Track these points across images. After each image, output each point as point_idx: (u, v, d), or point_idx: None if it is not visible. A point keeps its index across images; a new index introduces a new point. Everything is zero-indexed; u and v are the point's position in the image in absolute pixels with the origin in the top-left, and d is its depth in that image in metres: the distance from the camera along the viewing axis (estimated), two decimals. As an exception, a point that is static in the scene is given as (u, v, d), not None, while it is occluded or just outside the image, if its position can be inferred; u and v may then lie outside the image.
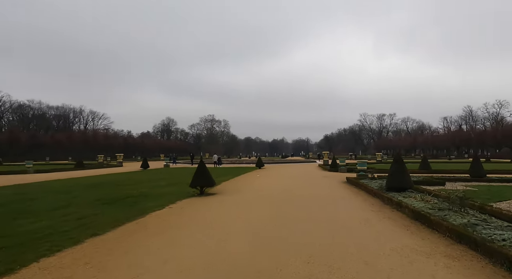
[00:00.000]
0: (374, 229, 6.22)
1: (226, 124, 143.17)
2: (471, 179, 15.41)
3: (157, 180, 18.20)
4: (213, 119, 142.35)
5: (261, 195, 11.56)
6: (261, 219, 7.37)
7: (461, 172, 19.85)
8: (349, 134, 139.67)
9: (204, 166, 12.02)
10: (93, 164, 40.84)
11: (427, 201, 8.56)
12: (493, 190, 12.16)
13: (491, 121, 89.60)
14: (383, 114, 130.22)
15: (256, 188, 14.23)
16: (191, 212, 8.45)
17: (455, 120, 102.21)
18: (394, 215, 7.53)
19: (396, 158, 10.95)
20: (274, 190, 13.28)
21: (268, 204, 9.59)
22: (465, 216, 6.52)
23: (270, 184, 16.00)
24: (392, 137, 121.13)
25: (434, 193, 9.45)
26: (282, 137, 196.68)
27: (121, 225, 6.78)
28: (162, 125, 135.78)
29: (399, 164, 10.78)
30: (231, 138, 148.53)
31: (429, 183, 13.91)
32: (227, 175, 21.59)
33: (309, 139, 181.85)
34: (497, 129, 70.00)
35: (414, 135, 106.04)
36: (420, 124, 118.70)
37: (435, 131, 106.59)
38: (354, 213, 7.98)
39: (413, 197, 9.22)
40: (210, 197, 11.37)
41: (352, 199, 10.35)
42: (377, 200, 10.02)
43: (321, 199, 10.43)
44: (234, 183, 16.59)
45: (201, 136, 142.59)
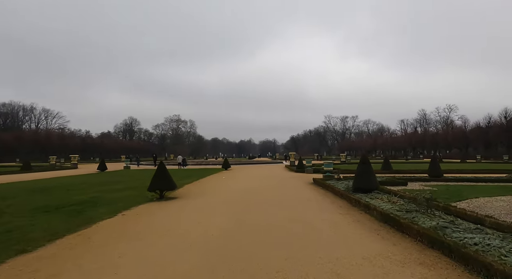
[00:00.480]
0: (344, 235, 5.86)
1: (192, 124, 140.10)
2: (429, 179, 15.99)
3: (113, 183, 16.79)
4: (179, 119, 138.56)
5: (225, 198, 10.91)
6: (224, 225, 6.73)
7: (420, 172, 20.69)
8: (315, 136, 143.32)
9: (164, 168, 11.11)
10: (43, 166, 37.40)
11: (393, 202, 8.47)
12: (451, 190, 12.59)
13: (442, 124, 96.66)
14: (346, 116, 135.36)
15: (221, 190, 13.54)
16: (147, 219, 7.58)
17: (411, 123, 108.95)
18: (362, 218, 7.28)
19: (362, 159, 10.88)
20: (239, 192, 12.68)
21: (233, 208, 8.97)
22: (432, 218, 6.41)
23: (235, 186, 15.39)
24: (354, 139, 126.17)
25: (400, 194, 9.44)
26: (250, 138, 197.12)
27: (59, 239, 5.78)
28: (124, 125, 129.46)
29: (366, 165, 10.71)
30: (198, 138, 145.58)
31: (392, 184, 14.16)
32: (191, 177, 20.62)
33: (276, 140, 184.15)
34: (447, 132, 75.60)
35: (375, 137, 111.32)
36: (380, 126, 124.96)
37: (394, 133, 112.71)
38: (323, 216, 7.63)
39: (380, 198, 9.12)
40: (171, 201, 10.49)
41: (320, 201, 10.07)
42: (344, 201, 9.82)
43: (288, 201, 10.03)
44: (198, 185, 15.75)
45: (166, 136, 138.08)
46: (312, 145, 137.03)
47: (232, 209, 8.75)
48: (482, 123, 61.59)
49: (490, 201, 9.83)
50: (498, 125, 56.62)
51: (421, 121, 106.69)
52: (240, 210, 8.66)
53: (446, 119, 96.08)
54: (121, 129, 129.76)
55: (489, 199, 10.22)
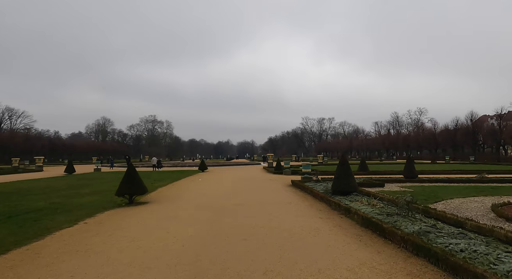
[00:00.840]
0: (325, 243, 5.49)
1: (169, 125, 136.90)
2: (405, 180, 16.20)
3: (79, 187, 15.65)
4: (155, 119, 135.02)
5: (200, 203, 10.31)
6: (196, 234, 6.18)
7: (395, 173, 21.04)
8: (292, 137, 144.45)
9: (134, 170, 10.35)
10: (4, 169, 34.73)
11: (373, 205, 8.28)
12: (427, 191, 12.71)
13: (413, 126, 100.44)
14: (323, 118, 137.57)
15: (196, 194, 12.91)
16: (111, 228, 6.86)
17: (384, 125, 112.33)
18: (343, 223, 6.98)
19: (342, 161, 10.68)
20: (215, 196, 12.12)
21: (207, 213, 8.41)
22: (414, 221, 6.21)
23: (211, 189, 14.79)
24: (331, 140, 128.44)
25: (379, 197, 9.28)
26: (228, 139, 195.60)
27: (2, 255, 4.99)
28: (96, 125, 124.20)
29: (345, 167, 10.52)
30: (174, 140, 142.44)
31: (370, 185, 14.14)
32: (166, 179, 19.75)
33: (254, 142, 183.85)
34: (418, 134, 78.64)
35: (350, 138, 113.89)
36: (355, 128, 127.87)
37: (368, 134, 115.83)
38: (303, 221, 7.27)
39: (360, 201, 8.92)
40: (141, 207, 9.76)
41: (299, 204, 9.73)
42: (324, 205, 9.54)
43: (267, 205, 9.61)
44: (172, 189, 14.99)
45: (142, 137, 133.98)
46: (290, 146, 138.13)
47: (206, 215, 8.19)
48: (450, 125, 64.57)
49: (465, 202, 9.92)
50: (464, 127, 59.58)
51: (394, 123, 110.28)
52: (215, 216, 8.12)
53: (417, 122, 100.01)
54: (93, 130, 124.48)
55: (463, 200, 10.33)
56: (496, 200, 10.20)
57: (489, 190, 12.40)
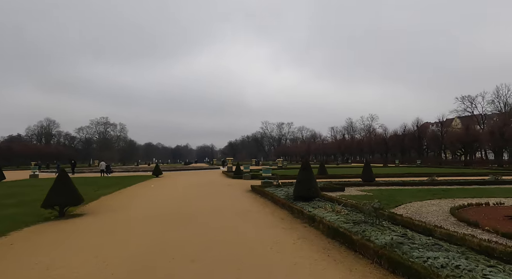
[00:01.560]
0: (290, 260, 4.71)
1: (123, 128, 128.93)
2: (363, 183, 16.27)
3: (5, 197, 13.30)
4: (107, 122, 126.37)
5: (147, 213, 9.02)
6: (134, 256, 5.04)
7: (353, 177, 21.36)
8: (252, 141, 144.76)
9: (66, 177, 8.76)
10: None
11: (338, 211, 7.75)
12: (385, 194, 12.71)
13: (365, 131, 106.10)
14: (282, 123, 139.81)
15: (144, 202, 11.51)
16: (22, 251, 5.41)
17: (339, 130, 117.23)
18: (308, 233, 6.30)
19: (304, 165, 10.12)
20: (166, 204, 10.86)
21: (153, 226, 7.23)
22: (383, 230, 5.71)
23: (163, 196, 13.42)
24: (290, 144, 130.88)
25: (343, 203, 8.82)
26: (186, 143, 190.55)
27: None
28: (39, 127, 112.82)
29: (307, 172, 9.97)
30: (129, 143, 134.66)
31: (330, 189, 13.87)
32: (113, 186, 17.81)
33: (214, 146, 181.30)
34: (371, 139, 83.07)
35: (308, 143, 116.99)
36: (313, 132, 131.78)
37: (325, 139, 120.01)
38: (263, 233, 6.45)
39: (323, 207, 8.36)
40: (73, 220, 8.22)
41: (260, 212, 8.92)
42: (286, 212, 8.84)
43: (224, 214, 8.66)
44: (117, 197, 13.34)
45: (92, 141, 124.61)
46: (250, 151, 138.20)
47: (151, 229, 7.00)
48: (399, 131, 69.01)
49: (424, 206, 9.90)
50: (411, 133, 64.05)
51: (348, 128, 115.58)
52: (162, 229, 6.96)
53: (369, 127, 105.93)
54: (35, 132, 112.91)
55: (422, 203, 10.33)
56: (451, 203, 10.36)
57: (441, 193, 12.73)
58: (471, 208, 9.14)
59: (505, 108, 61.83)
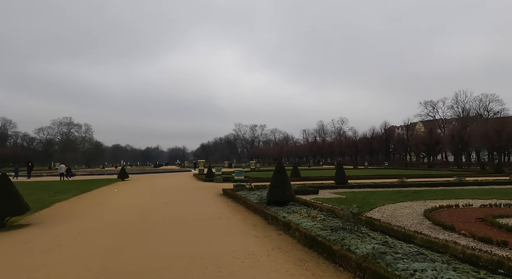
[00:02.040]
0: (264, 275, 4.16)
1: (88, 129, 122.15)
2: (337, 186, 16.18)
3: None
4: (71, 122, 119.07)
5: (105, 224, 8.09)
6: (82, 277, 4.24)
7: (326, 179, 21.35)
8: (225, 143, 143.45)
9: (7, 182, 7.62)
10: None
11: (313, 217, 7.35)
12: (359, 197, 12.60)
13: (336, 134, 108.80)
14: (255, 125, 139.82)
15: (104, 210, 10.46)
16: None
17: (311, 133, 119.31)
18: (283, 243, 5.79)
19: (278, 167, 9.65)
20: (128, 212, 9.92)
21: (107, 239, 6.36)
22: (363, 238, 5.34)
23: (127, 202, 12.39)
24: (262, 147, 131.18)
25: (319, 207, 8.44)
26: (157, 145, 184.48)
27: None
28: None
29: (281, 174, 9.52)
30: (95, 145, 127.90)
31: (304, 192, 13.55)
32: (72, 191, 16.34)
33: (186, 148, 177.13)
34: (341, 141, 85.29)
35: (281, 145, 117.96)
36: (285, 135, 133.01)
37: (297, 141, 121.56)
38: (235, 243, 5.86)
39: (298, 212, 7.93)
40: (13, 233, 7.12)
41: (231, 219, 8.30)
42: (259, 218, 8.31)
43: (191, 222, 7.95)
44: (75, 203, 12.11)
45: (54, 142, 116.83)
46: (223, 153, 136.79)
47: (104, 243, 6.13)
48: (368, 134, 71.44)
49: (398, 208, 9.81)
50: (379, 136, 66.49)
51: (320, 131, 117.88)
52: (117, 243, 6.12)
53: (339, 130, 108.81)
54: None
55: (395, 206, 10.26)
56: (422, 205, 10.39)
57: (412, 195, 12.85)
58: (443, 211, 9.15)
59: (463, 113, 66.12)
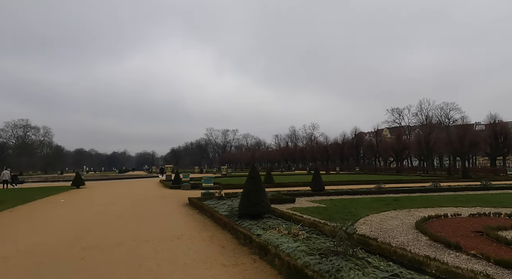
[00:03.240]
0: None
1: (47, 132, 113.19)
2: (313, 193, 15.10)
3: None
4: (27, 124, 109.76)
5: (26, 251, 6.20)
6: None
7: (300, 185, 20.34)
8: (196, 148, 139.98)
9: None
10: None
11: (295, 234, 6.03)
12: (339, 205, 11.54)
13: (307, 139, 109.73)
14: (227, 130, 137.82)
15: (35, 229, 8.43)
16: None
17: (283, 138, 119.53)
18: (260, 275, 4.40)
19: (252, 174, 8.24)
20: (65, 232, 8.01)
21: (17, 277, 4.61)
22: (363, 268, 4.09)
23: (68, 217, 10.34)
24: (235, 152, 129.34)
25: (301, 222, 7.13)
26: (124, 150, 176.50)
27: None
28: None
29: (256, 181, 8.14)
30: (55, 149, 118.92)
31: (280, 201, 12.28)
32: (8, 202, 13.82)
33: (155, 152, 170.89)
34: (313, 147, 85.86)
35: (253, 150, 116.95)
36: (257, 140, 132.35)
37: (269, 147, 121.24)
38: (194, 276, 4.37)
39: (276, 229, 6.58)
40: None
41: (194, 239, 6.76)
42: (228, 236, 6.84)
43: (142, 245, 6.31)
44: (1, 219, 9.89)
45: (8, 146, 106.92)
46: (193, 158, 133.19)
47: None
48: (339, 139, 72.34)
49: (384, 220, 8.79)
50: (350, 141, 67.50)
51: (291, 136, 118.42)
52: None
53: (311, 135, 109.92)
54: None
55: (380, 217, 9.25)
56: (408, 215, 9.51)
57: (394, 203, 12.01)
58: (433, 222, 8.25)
59: (426, 120, 69.14)
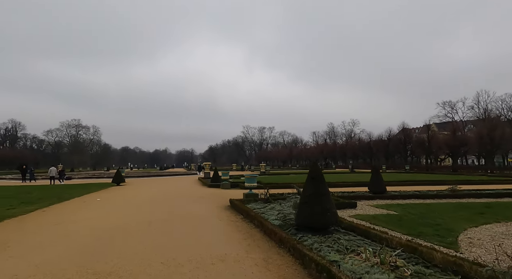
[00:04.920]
0: None
1: (96, 131, 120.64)
2: (374, 196, 12.68)
3: None
4: (79, 124, 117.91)
5: (34, 265, 4.91)
6: None
7: (350, 184, 18.18)
8: (233, 146, 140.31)
9: None
10: None
11: (393, 266, 4.02)
12: (415, 213, 9.12)
13: (346, 136, 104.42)
14: (263, 127, 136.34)
15: (48, 240, 7.27)
16: None
17: (321, 135, 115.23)
18: None
19: (313, 174, 6.29)
20: (79, 246, 6.73)
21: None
22: None
23: (92, 222, 9.18)
24: (271, 149, 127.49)
25: (391, 240, 5.03)
26: (166, 148, 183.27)
27: None
28: (4, 129, 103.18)
29: (319, 183, 6.20)
30: (103, 147, 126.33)
31: (338, 206, 10.19)
32: (45, 200, 13.32)
33: (194, 150, 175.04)
34: (354, 143, 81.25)
35: (290, 147, 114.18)
36: (294, 137, 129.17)
37: (307, 144, 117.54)
38: None
39: (358, 252, 4.62)
40: None
41: (242, 262, 5.01)
42: (289, 260, 4.99)
43: (173, 270, 4.71)
44: (24, 223, 8.99)
45: (63, 144, 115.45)
46: (230, 155, 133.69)
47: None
48: (384, 135, 67.30)
49: (495, 238, 6.35)
50: (397, 138, 62.38)
51: (330, 133, 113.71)
52: None
53: (350, 132, 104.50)
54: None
55: (486, 233, 6.77)
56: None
57: (488, 211, 9.32)
58: None
59: (485, 114, 61.61)
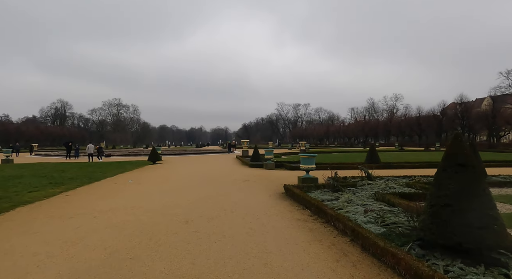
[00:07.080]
0: None
1: (135, 109, 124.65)
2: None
3: None
4: (120, 103, 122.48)
5: None
6: None
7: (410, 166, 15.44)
8: (267, 123, 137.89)
9: None
10: None
11: None
12: None
13: (388, 112, 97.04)
14: (298, 104, 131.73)
15: (55, 240, 5.53)
16: None
17: (360, 111, 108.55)
18: None
19: (462, 158, 3.73)
20: (90, 253, 4.85)
21: None
22: None
23: (112, 219, 7.38)
24: (306, 126, 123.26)
25: None
26: (201, 126, 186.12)
27: None
28: (53, 109, 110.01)
29: (471, 176, 3.64)
30: (143, 126, 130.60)
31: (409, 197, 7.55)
32: (75, 180, 12.08)
33: (228, 128, 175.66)
34: (400, 120, 74.82)
35: (327, 125, 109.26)
36: (331, 114, 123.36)
37: (344, 121, 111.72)
38: None
39: None
40: None
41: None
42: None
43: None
44: (52, 204, 7.49)
45: (106, 122, 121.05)
46: (264, 133, 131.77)
47: None
48: (436, 110, 60.65)
49: None
50: (453, 112, 55.79)
51: (370, 109, 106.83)
52: None
53: (393, 108, 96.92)
54: (49, 114, 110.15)
55: None
56: None
57: None
58: None
59: None
